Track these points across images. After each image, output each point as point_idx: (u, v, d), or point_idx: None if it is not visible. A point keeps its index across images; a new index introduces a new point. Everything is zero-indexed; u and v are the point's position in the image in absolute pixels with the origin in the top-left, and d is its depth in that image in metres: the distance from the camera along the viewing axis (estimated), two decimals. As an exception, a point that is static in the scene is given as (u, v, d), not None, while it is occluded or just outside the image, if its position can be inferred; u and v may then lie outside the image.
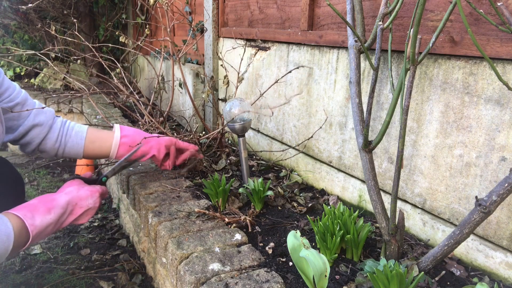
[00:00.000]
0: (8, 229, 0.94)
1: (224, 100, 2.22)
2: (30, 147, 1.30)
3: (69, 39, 2.57)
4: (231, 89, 2.13)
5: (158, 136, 1.47)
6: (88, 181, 1.25)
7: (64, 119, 1.39)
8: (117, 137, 1.40)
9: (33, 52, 1.92)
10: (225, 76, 2.08)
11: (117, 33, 2.36)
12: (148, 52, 3.28)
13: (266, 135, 1.94)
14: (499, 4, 0.79)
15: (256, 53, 1.92)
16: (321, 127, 1.54)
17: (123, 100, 2.99)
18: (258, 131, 2.00)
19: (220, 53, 2.23)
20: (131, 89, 2.35)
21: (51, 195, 1.13)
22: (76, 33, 2.10)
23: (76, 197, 1.15)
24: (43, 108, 1.31)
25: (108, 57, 2.17)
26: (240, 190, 1.39)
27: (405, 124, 0.95)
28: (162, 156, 1.45)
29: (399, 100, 0.96)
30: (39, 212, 1.04)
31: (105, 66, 2.13)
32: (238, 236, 1.17)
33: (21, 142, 1.29)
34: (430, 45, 0.93)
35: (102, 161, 2.34)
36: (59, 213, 1.09)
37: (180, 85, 2.39)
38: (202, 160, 1.69)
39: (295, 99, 1.68)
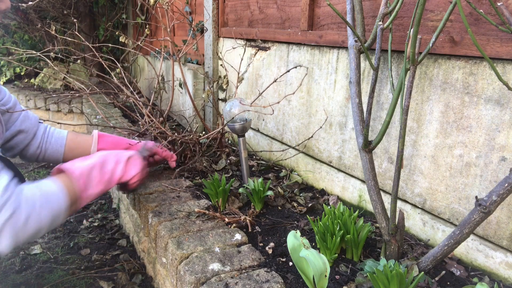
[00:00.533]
0: (60, 190, 1.00)
1: (224, 100, 2.22)
2: (12, 152, 1.32)
3: (69, 39, 2.57)
4: (231, 89, 2.13)
5: (137, 143, 1.48)
6: None
7: (45, 124, 1.41)
8: (95, 145, 1.42)
9: (33, 52, 1.92)
10: (225, 76, 2.08)
11: (117, 33, 2.36)
12: (148, 52, 3.28)
13: (266, 135, 1.94)
14: (499, 4, 0.79)
15: (256, 53, 1.92)
16: (321, 127, 1.54)
17: (123, 100, 2.98)
18: (258, 131, 2.00)
19: (220, 53, 2.23)
20: (131, 89, 2.35)
21: (103, 157, 1.16)
22: (76, 33, 2.10)
23: (128, 160, 1.21)
24: (25, 110, 1.33)
25: (108, 57, 2.17)
26: (240, 190, 1.39)
27: (405, 124, 0.95)
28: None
29: (399, 100, 0.96)
30: (93, 184, 1.10)
31: (105, 66, 2.12)
32: (238, 236, 1.17)
33: (5, 147, 1.30)
34: (430, 45, 0.93)
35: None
36: (109, 176, 1.15)
37: (180, 85, 2.39)
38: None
39: (295, 99, 1.68)
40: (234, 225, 1.24)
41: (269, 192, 1.35)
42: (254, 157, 1.95)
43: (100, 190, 1.12)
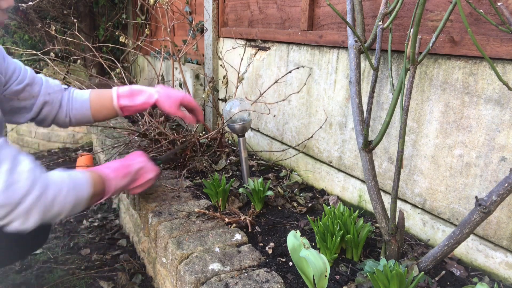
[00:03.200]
0: (86, 180, 1.07)
1: (224, 100, 2.22)
2: (44, 123, 1.35)
3: (69, 39, 2.57)
4: (231, 89, 2.13)
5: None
6: None
7: (69, 89, 1.38)
8: (115, 94, 1.38)
9: (33, 52, 1.92)
10: (225, 76, 2.08)
11: (117, 33, 2.35)
12: (148, 52, 3.27)
13: (266, 135, 1.94)
14: (499, 4, 0.79)
15: (256, 53, 1.92)
16: (321, 127, 1.54)
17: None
18: (258, 131, 2.00)
19: (220, 53, 2.23)
20: (131, 89, 2.34)
21: (128, 161, 1.28)
22: (76, 33, 2.11)
23: (144, 168, 1.29)
24: (46, 81, 1.32)
25: (108, 57, 2.17)
26: (240, 190, 1.39)
27: (405, 124, 0.95)
28: (174, 109, 1.39)
29: (399, 100, 0.96)
30: (117, 174, 1.19)
31: (105, 66, 2.13)
32: (238, 236, 1.17)
33: (37, 120, 1.32)
34: (430, 45, 0.93)
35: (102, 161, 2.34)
36: (129, 180, 1.24)
37: (180, 85, 2.39)
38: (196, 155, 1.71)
39: (295, 99, 1.68)
40: (234, 225, 1.24)
41: (269, 192, 1.35)
42: (254, 157, 1.95)
43: (117, 192, 1.25)
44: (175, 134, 1.88)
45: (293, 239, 0.96)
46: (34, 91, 1.26)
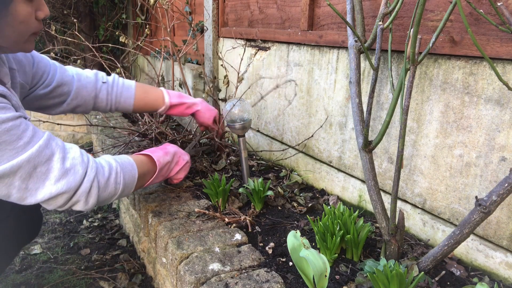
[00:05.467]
0: (130, 160, 1.14)
1: (224, 100, 2.22)
2: (86, 112, 1.41)
3: (69, 39, 2.57)
4: (231, 89, 2.13)
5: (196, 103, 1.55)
6: None
7: (111, 80, 1.40)
8: (166, 92, 1.48)
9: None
10: (225, 76, 2.08)
11: (117, 33, 2.35)
12: (148, 52, 3.27)
13: (266, 135, 1.94)
14: (499, 4, 0.79)
15: (256, 53, 1.92)
16: (321, 127, 1.54)
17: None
18: (258, 131, 2.00)
19: (220, 53, 2.23)
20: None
21: (161, 146, 1.35)
22: (76, 33, 2.11)
23: (179, 151, 1.38)
24: (79, 79, 1.33)
25: (108, 57, 2.17)
26: (240, 190, 1.39)
27: (405, 124, 0.95)
28: (211, 121, 1.56)
29: (399, 100, 0.96)
30: (159, 152, 1.28)
31: (105, 66, 2.12)
32: (238, 236, 1.17)
33: (76, 111, 1.37)
34: (430, 45, 0.93)
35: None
36: (171, 157, 1.32)
37: (180, 85, 2.39)
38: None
39: (295, 99, 1.68)
40: (234, 225, 1.24)
41: (269, 192, 1.35)
42: (254, 157, 1.95)
43: (159, 181, 1.34)
44: (175, 134, 1.88)
45: (293, 239, 0.96)
46: (63, 91, 1.28)
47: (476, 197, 0.86)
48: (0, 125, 0.82)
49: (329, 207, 1.20)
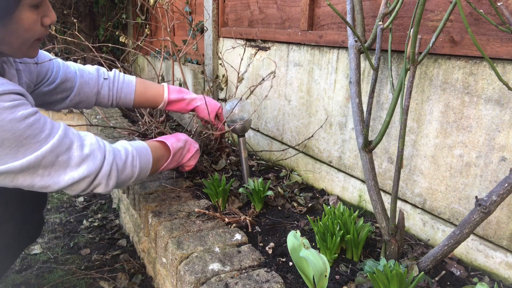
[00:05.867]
0: (144, 145, 1.18)
1: (224, 100, 2.22)
2: (88, 108, 1.42)
3: (69, 39, 2.57)
4: (231, 89, 2.13)
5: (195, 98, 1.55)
6: None
7: (111, 77, 1.41)
8: (166, 88, 1.49)
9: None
10: (223, 75, 2.08)
11: (117, 33, 2.35)
12: (148, 52, 3.27)
13: (266, 135, 1.94)
14: (499, 4, 0.79)
15: (256, 53, 1.92)
16: (321, 127, 1.54)
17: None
18: (258, 131, 2.00)
19: (220, 53, 2.23)
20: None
21: (172, 134, 1.38)
22: (76, 33, 2.10)
23: (189, 139, 1.40)
24: (80, 77, 1.34)
25: (108, 57, 2.17)
26: (240, 190, 1.39)
27: (405, 124, 0.95)
28: (212, 117, 1.54)
29: (399, 100, 0.96)
30: (171, 138, 1.31)
31: (105, 66, 2.12)
32: (238, 236, 1.17)
33: (78, 107, 1.39)
34: (430, 45, 0.93)
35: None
36: (183, 144, 1.34)
37: (180, 85, 2.39)
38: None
39: (295, 99, 1.68)
40: (234, 225, 1.24)
41: (269, 192, 1.35)
42: (254, 157, 1.95)
43: (173, 166, 1.35)
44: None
45: (293, 239, 0.96)
46: (66, 87, 1.30)
47: (476, 197, 0.86)
48: (24, 121, 0.86)
49: (329, 207, 1.20)
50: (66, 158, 0.95)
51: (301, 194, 1.53)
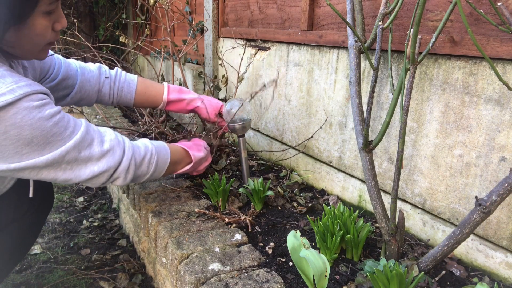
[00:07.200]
0: (165, 146, 1.23)
1: (224, 100, 2.22)
2: (89, 105, 1.45)
3: (69, 39, 2.57)
4: (231, 89, 2.13)
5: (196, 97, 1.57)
6: None
7: (113, 76, 1.42)
8: (166, 88, 1.50)
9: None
10: (223, 76, 2.08)
11: (117, 33, 2.35)
12: (148, 52, 3.27)
13: (266, 135, 1.94)
14: (499, 4, 0.79)
15: (256, 53, 1.92)
16: (321, 127, 1.54)
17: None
18: (258, 131, 2.00)
19: (220, 53, 2.23)
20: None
21: (196, 141, 1.44)
22: (76, 33, 2.10)
23: (208, 147, 1.45)
24: (81, 75, 1.36)
25: (108, 57, 2.17)
26: (240, 190, 1.39)
27: (405, 124, 0.95)
28: (213, 116, 1.56)
29: (399, 100, 0.96)
30: (194, 148, 1.36)
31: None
32: (238, 236, 1.17)
33: (79, 104, 1.41)
34: (430, 45, 0.93)
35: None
36: (204, 154, 1.40)
37: (180, 85, 2.39)
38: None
39: (295, 99, 1.68)
40: (234, 225, 1.24)
41: (269, 192, 1.35)
42: (254, 157, 1.95)
43: (189, 172, 1.41)
44: (175, 133, 1.88)
45: (293, 239, 0.96)
46: (68, 84, 1.31)
47: (476, 197, 0.86)
48: (51, 119, 0.89)
49: (329, 207, 1.20)
50: (87, 153, 0.99)
51: (301, 194, 1.53)
